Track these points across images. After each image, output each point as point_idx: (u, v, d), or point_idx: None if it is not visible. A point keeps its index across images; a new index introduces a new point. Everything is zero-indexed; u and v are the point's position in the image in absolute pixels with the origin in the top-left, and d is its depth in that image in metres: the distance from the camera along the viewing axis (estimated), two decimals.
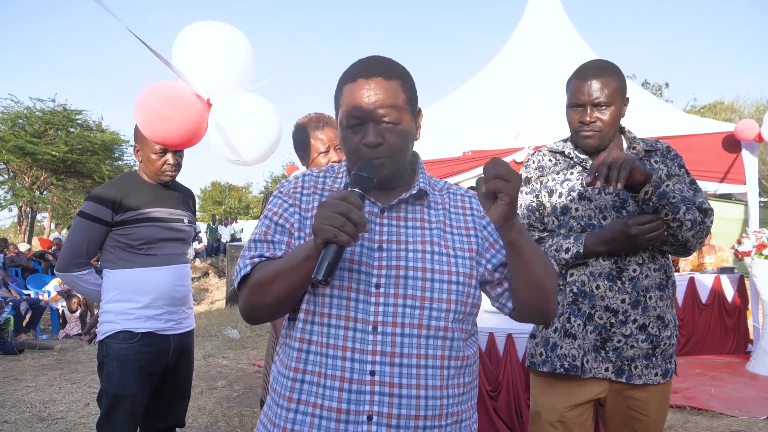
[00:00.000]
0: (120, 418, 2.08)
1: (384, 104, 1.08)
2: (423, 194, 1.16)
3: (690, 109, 23.65)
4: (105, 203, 2.13)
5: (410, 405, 1.04)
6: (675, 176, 1.72)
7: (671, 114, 6.43)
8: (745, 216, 5.40)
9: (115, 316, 2.13)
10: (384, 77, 1.10)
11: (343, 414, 1.04)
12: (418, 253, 1.09)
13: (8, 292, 7.87)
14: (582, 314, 1.70)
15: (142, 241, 2.15)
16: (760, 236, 4.90)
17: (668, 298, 1.71)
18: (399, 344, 1.05)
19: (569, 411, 1.71)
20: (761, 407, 3.97)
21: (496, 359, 3.17)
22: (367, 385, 1.04)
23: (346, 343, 1.05)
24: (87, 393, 4.50)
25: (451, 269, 1.10)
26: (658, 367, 1.68)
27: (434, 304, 1.07)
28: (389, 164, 1.10)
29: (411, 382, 1.04)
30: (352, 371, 1.04)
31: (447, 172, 5.84)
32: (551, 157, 1.84)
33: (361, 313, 1.06)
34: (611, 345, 1.67)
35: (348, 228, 0.94)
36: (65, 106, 18.30)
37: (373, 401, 1.03)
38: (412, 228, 1.12)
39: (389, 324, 1.05)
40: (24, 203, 19.32)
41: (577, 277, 1.71)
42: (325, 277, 0.97)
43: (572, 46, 6.74)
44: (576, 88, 1.70)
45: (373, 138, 1.08)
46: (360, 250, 1.09)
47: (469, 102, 6.77)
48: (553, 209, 1.77)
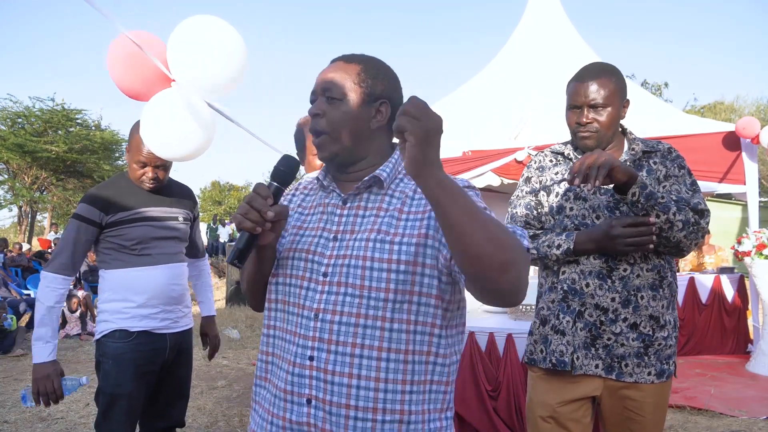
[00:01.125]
0: (117, 416, 2.09)
1: (332, 80, 1.14)
2: (378, 182, 1.15)
3: (690, 109, 23.65)
4: (96, 205, 2.14)
5: (341, 393, 1.05)
6: (673, 177, 1.72)
7: (671, 114, 6.43)
8: (745, 216, 5.39)
9: (111, 316, 2.13)
10: (345, 61, 1.17)
11: (289, 395, 1.09)
12: (362, 242, 1.10)
13: (8, 292, 7.87)
14: (572, 311, 1.72)
15: (136, 241, 2.14)
16: (760, 236, 4.90)
17: (664, 298, 1.70)
18: (336, 332, 1.07)
19: (562, 407, 1.73)
20: (761, 407, 3.97)
21: (496, 359, 3.17)
22: (306, 369, 1.08)
23: (297, 329, 1.11)
24: (87, 393, 4.51)
25: (391, 257, 1.07)
26: (652, 366, 1.68)
27: (372, 292, 1.06)
28: (329, 143, 1.14)
29: (344, 370, 1.05)
30: (296, 355, 1.09)
31: (447, 172, 5.83)
32: (552, 158, 1.87)
33: (309, 301, 1.11)
34: (601, 342, 1.69)
35: (251, 215, 1.03)
36: (64, 106, 18.30)
37: (312, 385, 1.07)
38: (367, 217, 1.13)
39: (329, 312, 1.08)
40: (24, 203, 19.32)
41: (568, 275, 1.74)
42: (231, 260, 1.06)
43: (572, 46, 6.74)
44: (574, 90, 1.73)
45: (314, 108, 1.15)
46: (318, 241, 1.15)
47: (469, 102, 6.77)
48: (549, 209, 1.80)
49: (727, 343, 5.73)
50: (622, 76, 1.75)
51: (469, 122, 6.38)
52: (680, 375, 4.76)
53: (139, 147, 2.13)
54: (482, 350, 3.19)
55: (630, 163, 1.72)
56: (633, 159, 1.73)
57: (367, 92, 1.15)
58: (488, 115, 6.33)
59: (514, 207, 1.90)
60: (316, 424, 1.06)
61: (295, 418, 1.08)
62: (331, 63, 1.19)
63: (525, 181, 1.90)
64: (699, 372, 4.96)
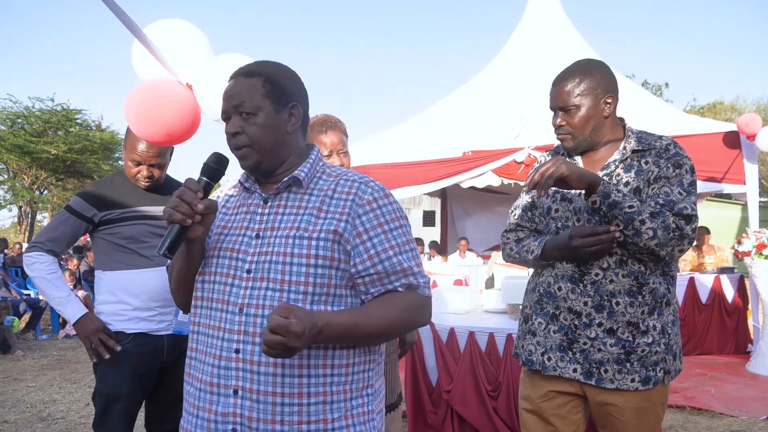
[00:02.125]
0: (115, 417, 2.08)
1: (240, 96, 1.19)
2: (297, 182, 1.23)
3: (690, 109, 23.64)
4: (90, 201, 2.14)
5: (268, 381, 1.12)
6: (664, 178, 1.64)
7: (671, 114, 6.43)
8: (745, 216, 5.39)
9: (108, 317, 2.13)
10: (244, 75, 1.22)
11: (214, 387, 1.15)
12: (283, 239, 1.17)
13: (8, 292, 7.87)
14: (545, 314, 1.75)
15: (131, 239, 2.14)
16: (760, 236, 4.90)
17: (644, 304, 1.64)
18: (260, 324, 1.13)
19: (544, 402, 1.75)
20: (761, 407, 3.97)
21: (496, 359, 3.16)
22: (232, 362, 1.13)
23: (221, 324, 1.17)
24: (87, 393, 4.51)
25: (310, 252, 1.15)
26: (636, 373, 1.64)
27: (292, 286, 1.14)
28: (252, 153, 1.20)
29: (269, 360, 1.11)
30: (222, 349, 1.15)
31: (447, 172, 5.84)
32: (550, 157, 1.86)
33: (233, 297, 1.17)
34: (578, 346, 1.68)
35: (182, 208, 1.10)
36: (64, 106, 18.29)
37: (238, 377, 1.13)
38: (287, 215, 1.20)
39: (253, 306, 1.14)
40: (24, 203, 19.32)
41: (545, 278, 1.77)
42: (162, 251, 1.11)
43: (572, 46, 6.74)
44: (550, 93, 1.77)
45: (231, 128, 1.20)
46: (241, 239, 1.20)
47: (469, 102, 6.77)
48: (541, 210, 1.82)
49: (727, 343, 5.73)
50: (602, 73, 1.70)
51: (469, 122, 6.38)
52: (680, 375, 4.71)
53: (134, 145, 2.13)
54: (482, 350, 3.19)
55: (619, 163, 1.69)
56: (622, 159, 1.69)
57: (276, 100, 1.22)
58: (488, 115, 6.32)
59: (513, 207, 1.94)
60: (243, 413, 1.12)
61: (221, 410, 1.13)
62: (232, 80, 1.24)
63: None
64: (699, 372, 4.95)
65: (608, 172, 1.69)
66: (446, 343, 3.26)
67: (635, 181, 1.66)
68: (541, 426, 1.77)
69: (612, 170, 1.69)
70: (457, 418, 3.20)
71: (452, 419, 3.21)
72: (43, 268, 2.10)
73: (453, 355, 3.25)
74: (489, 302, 3.73)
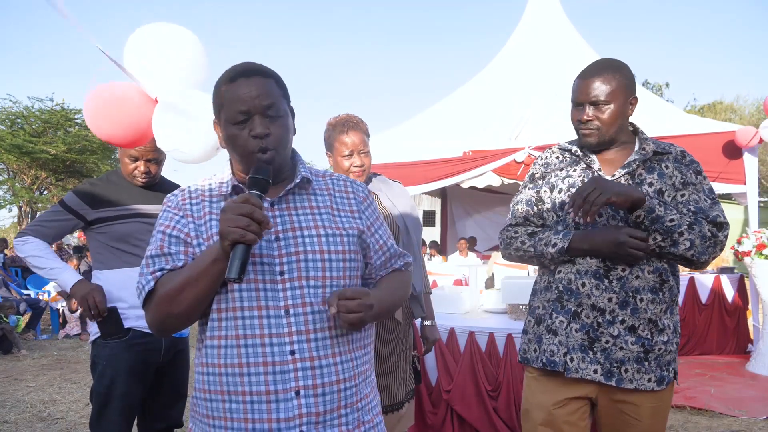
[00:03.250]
0: (112, 416, 2.09)
1: (269, 98, 1.17)
2: (306, 182, 1.25)
3: (690, 109, 23.63)
4: (84, 198, 2.15)
5: (330, 372, 1.15)
6: (691, 185, 1.68)
7: (672, 114, 6.43)
8: (745, 216, 5.39)
9: None
10: (261, 76, 1.19)
11: (272, 395, 1.12)
12: (314, 238, 1.19)
13: (8, 292, 7.87)
14: (566, 311, 1.69)
15: (126, 237, 2.14)
16: (760, 236, 4.90)
17: (663, 302, 1.66)
18: (311, 322, 1.15)
19: (557, 408, 1.71)
20: (761, 407, 3.97)
21: (496, 359, 3.16)
22: (289, 364, 1.13)
23: (263, 330, 1.14)
24: (87, 393, 4.51)
25: (345, 248, 1.21)
26: (652, 372, 1.64)
27: (333, 281, 1.18)
28: (276, 156, 1.18)
29: (327, 352, 1.16)
30: (273, 355, 1.13)
31: (447, 172, 5.84)
32: (559, 155, 1.85)
33: (272, 301, 1.15)
34: (599, 345, 1.65)
35: (253, 227, 1.05)
36: (63, 106, 18.28)
37: (297, 377, 1.13)
38: (303, 215, 1.22)
39: (299, 305, 1.15)
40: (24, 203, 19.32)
41: (564, 275, 1.71)
42: (238, 275, 1.05)
43: (572, 46, 6.74)
44: (576, 86, 1.71)
45: (261, 129, 1.15)
46: (259, 244, 1.16)
47: (469, 102, 6.77)
48: (552, 205, 1.78)
49: (727, 343, 5.72)
50: (630, 73, 1.71)
51: (469, 122, 6.38)
52: (680, 375, 4.73)
53: None
54: (482, 350, 3.19)
55: (640, 163, 1.69)
56: (643, 159, 1.69)
57: (287, 101, 1.24)
58: (488, 115, 6.32)
59: (516, 202, 1.89)
60: (309, 411, 1.13)
61: (284, 415, 1.12)
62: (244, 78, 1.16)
63: (530, 178, 1.89)
64: (699, 372, 4.95)
65: (630, 170, 1.69)
66: (446, 343, 3.26)
67: (658, 182, 1.67)
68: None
69: (633, 169, 1.70)
70: (457, 418, 3.20)
71: (452, 419, 3.21)
72: (33, 246, 2.14)
73: (453, 355, 3.25)
74: (489, 302, 3.72)
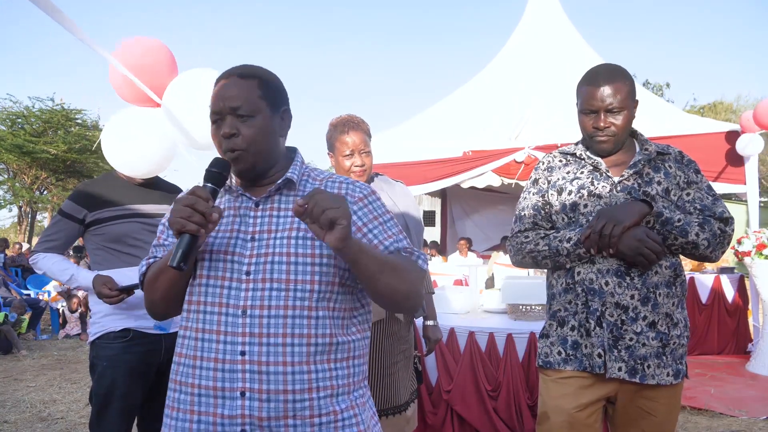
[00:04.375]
0: (112, 417, 2.08)
1: (237, 99, 1.17)
2: (291, 184, 1.23)
3: (690, 109, 23.62)
4: (80, 201, 2.16)
5: (278, 380, 1.11)
6: (693, 184, 1.73)
7: (672, 114, 6.42)
8: (746, 216, 5.39)
9: (104, 317, 2.13)
10: (239, 76, 1.20)
11: (219, 391, 1.12)
12: (284, 240, 1.16)
13: (8, 292, 7.87)
14: (593, 311, 1.69)
15: (124, 237, 2.14)
16: (760, 236, 4.90)
17: (675, 296, 1.69)
18: (266, 325, 1.12)
19: (578, 411, 1.70)
20: (761, 407, 3.97)
21: (496, 359, 3.16)
22: (238, 364, 1.12)
23: (220, 327, 1.14)
24: (87, 393, 4.50)
25: (314, 252, 1.16)
26: (669, 366, 1.67)
27: (298, 285, 1.14)
28: (246, 156, 1.18)
29: (278, 359, 1.12)
30: (225, 352, 1.12)
31: (447, 172, 5.84)
32: (561, 158, 1.86)
33: (233, 299, 1.15)
34: (623, 343, 1.65)
35: (195, 218, 1.06)
36: (64, 106, 18.28)
37: (245, 378, 1.11)
38: (283, 217, 1.20)
39: (257, 307, 1.13)
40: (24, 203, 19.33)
41: (585, 276, 1.70)
42: (177, 263, 1.05)
43: (572, 46, 6.74)
44: (588, 94, 1.71)
45: (228, 129, 1.17)
46: (235, 242, 1.18)
47: (469, 102, 6.77)
48: (562, 207, 1.78)
49: (727, 343, 5.72)
50: (632, 77, 1.75)
51: (469, 122, 6.38)
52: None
53: None
54: (482, 350, 3.19)
55: (646, 163, 1.72)
56: (647, 159, 1.72)
57: (272, 103, 1.21)
58: (488, 115, 6.32)
59: (522, 209, 1.88)
60: (252, 414, 1.11)
61: (228, 413, 1.12)
62: (224, 79, 1.21)
63: (533, 183, 1.89)
64: (699, 372, 4.95)
65: (637, 170, 1.72)
66: (446, 343, 3.26)
67: (665, 181, 1.71)
68: None
69: (640, 169, 1.72)
70: (457, 418, 3.20)
71: (452, 419, 3.21)
72: (46, 262, 2.18)
73: (453, 355, 3.25)
74: (489, 302, 3.73)
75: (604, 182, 1.73)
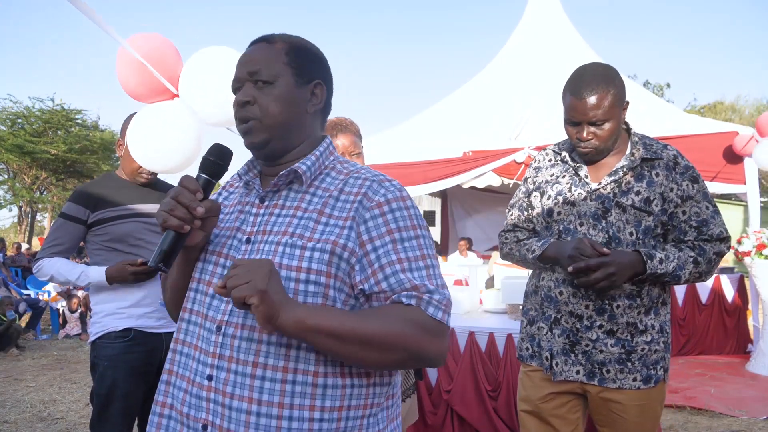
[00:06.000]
0: (113, 417, 2.08)
1: (258, 62, 1.02)
2: (297, 177, 1.03)
3: (690, 109, 23.62)
4: (81, 202, 2.15)
5: (239, 420, 0.90)
6: (689, 199, 1.66)
7: (672, 114, 6.43)
8: (745, 216, 5.39)
9: (105, 317, 2.13)
10: (267, 42, 1.05)
11: (185, 418, 0.95)
12: (272, 246, 0.96)
13: (8, 291, 7.87)
14: (546, 318, 1.76)
15: (125, 236, 2.14)
16: (760, 236, 4.90)
17: (642, 306, 1.66)
18: (236, 348, 0.93)
19: (543, 402, 1.77)
20: (761, 407, 3.97)
21: (496, 359, 3.16)
22: (204, 390, 0.94)
23: (198, 342, 0.98)
24: (87, 393, 4.52)
25: (301, 265, 0.93)
26: (637, 372, 1.66)
27: None
28: (260, 129, 1.01)
29: (243, 393, 0.91)
30: (196, 373, 0.96)
31: (447, 172, 5.84)
32: (552, 157, 1.86)
33: (213, 311, 0.97)
34: (580, 348, 1.69)
35: (178, 212, 0.92)
36: (64, 106, 18.30)
37: (209, 409, 0.93)
38: (283, 217, 1.00)
39: (232, 325, 0.94)
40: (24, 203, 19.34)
41: (546, 282, 1.77)
42: (155, 263, 0.92)
43: (572, 46, 6.74)
44: (571, 105, 1.65)
45: (241, 96, 1.02)
46: (230, 243, 1.02)
47: (469, 102, 6.78)
48: (541, 211, 1.80)
49: (727, 343, 5.72)
50: (620, 80, 1.67)
51: (469, 122, 6.38)
52: (680, 375, 4.76)
53: None
54: (482, 350, 3.19)
55: (628, 170, 1.67)
56: (631, 166, 1.67)
57: (299, 71, 1.04)
58: (488, 115, 6.32)
59: (509, 208, 1.94)
60: None
61: None
62: (251, 45, 1.07)
63: (524, 182, 1.92)
64: (699, 372, 4.94)
65: (617, 178, 1.68)
66: None
67: (646, 191, 1.65)
68: (541, 427, 1.78)
69: (620, 177, 1.68)
70: (457, 418, 3.20)
71: (452, 419, 3.21)
72: (52, 265, 2.15)
73: (453, 355, 3.25)
74: (489, 302, 3.73)
75: (581, 189, 1.72)
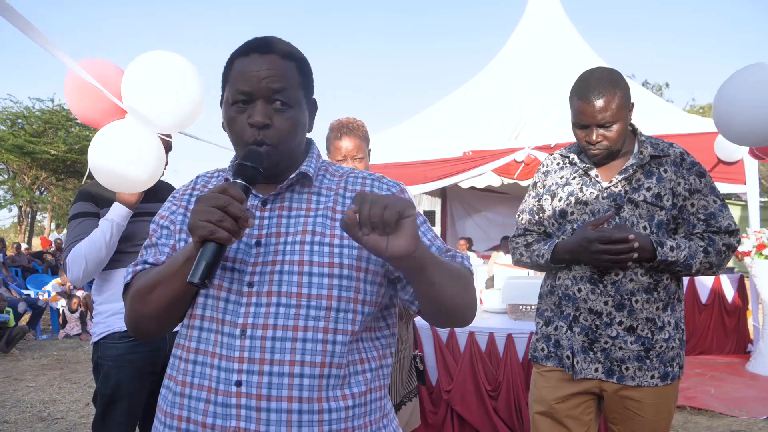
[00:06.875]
0: (117, 418, 2.07)
1: (280, 80, 0.97)
2: (306, 179, 1.03)
3: (689, 109, 23.62)
4: (88, 200, 2.15)
5: (280, 421, 0.89)
6: (697, 192, 1.69)
7: (672, 114, 6.43)
8: (745, 216, 5.39)
9: (109, 317, 2.12)
10: (281, 56, 0.99)
11: (209, 429, 0.92)
12: (296, 245, 0.95)
13: (8, 291, 7.87)
14: (565, 316, 1.75)
15: (129, 238, 2.12)
16: (760, 236, 4.90)
17: (660, 300, 1.68)
18: (269, 349, 0.91)
19: (558, 403, 1.76)
20: (761, 407, 3.97)
21: (496, 359, 3.16)
22: (233, 397, 0.91)
23: (215, 349, 0.94)
24: (87, 393, 4.51)
25: (333, 261, 0.95)
26: (655, 369, 1.67)
27: (312, 301, 0.93)
28: (274, 154, 0.97)
29: (282, 393, 0.90)
30: (219, 381, 0.92)
31: (447, 172, 5.85)
32: (560, 161, 1.88)
33: (230, 315, 0.94)
34: (599, 346, 1.69)
35: (226, 223, 0.85)
36: (64, 106, 18.31)
37: (240, 416, 0.90)
38: (294, 218, 0.99)
39: (260, 326, 0.92)
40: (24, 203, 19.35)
41: (563, 281, 1.76)
42: (201, 279, 0.86)
43: (572, 46, 6.74)
44: (579, 109, 1.68)
45: (260, 117, 0.96)
46: (237, 246, 0.98)
47: (469, 102, 6.77)
48: (552, 212, 1.82)
49: (727, 343, 5.72)
50: (625, 82, 1.70)
51: (469, 122, 6.38)
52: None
53: None
54: (482, 350, 3.19)
55: (638, 168, 1.70)
56: (641, 164, 1.70)
57: (307, 94, 1.04)
58: (488, 115, 6.32)
59: (519, 213, 1.95)
60: None
61: None
62: (261, 54, 0.98)
63: (532, 186, 1.93)
64: (699, 372, 4.95)
65: (627, 176, 1.71)
66: (446, 343, 3.26)
67: (657, 187, 1.69)
68: (555, 428, 1.78)
69: (631, 174, 1.71)
70: (457, 418, 3.20)
71: (452, 419, 3.21)
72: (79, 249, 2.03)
73: (453, 355, 3.25)
74: (489, 302, 3.73)
75: (592, 188, 1.74)
